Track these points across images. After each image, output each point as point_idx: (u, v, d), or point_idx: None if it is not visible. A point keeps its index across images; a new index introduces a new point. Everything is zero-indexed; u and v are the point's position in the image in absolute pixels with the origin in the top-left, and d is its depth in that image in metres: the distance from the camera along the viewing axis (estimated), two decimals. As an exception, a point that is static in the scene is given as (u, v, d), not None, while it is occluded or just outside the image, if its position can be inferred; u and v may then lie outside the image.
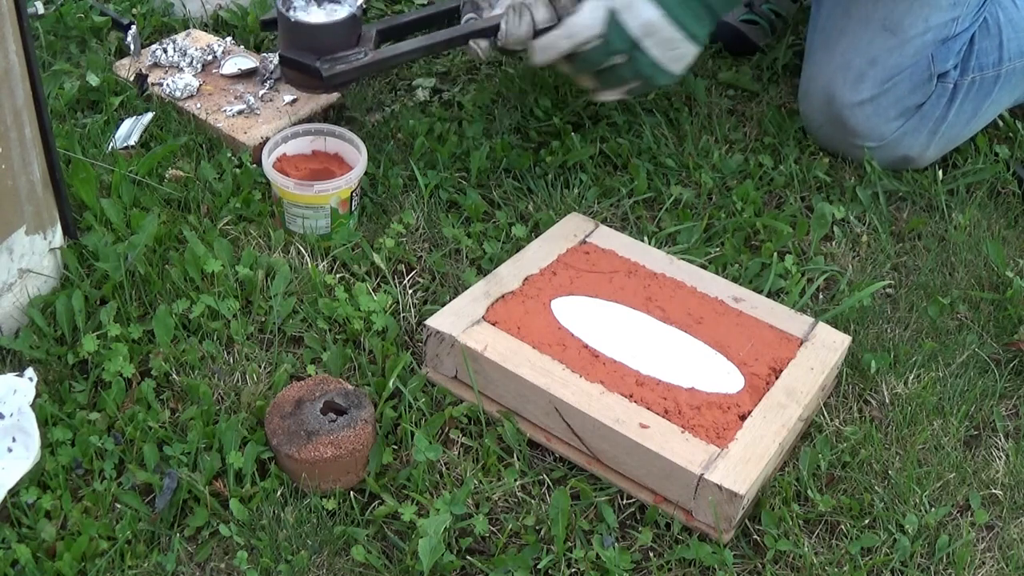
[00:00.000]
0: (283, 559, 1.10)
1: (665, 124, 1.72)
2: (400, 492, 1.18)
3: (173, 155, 1.59)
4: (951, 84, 1.61)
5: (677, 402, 1.20)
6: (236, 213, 1.49)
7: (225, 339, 1.32)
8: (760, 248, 1.51)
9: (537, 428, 1.24)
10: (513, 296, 1.32)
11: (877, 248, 1.55)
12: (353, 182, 1.48)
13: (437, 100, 1.81)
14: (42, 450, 1.14)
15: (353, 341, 1.34)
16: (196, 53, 1.78)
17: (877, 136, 1.62)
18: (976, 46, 1.61)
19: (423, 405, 1.25)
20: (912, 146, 1.63)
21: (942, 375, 1.36)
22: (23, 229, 1.27)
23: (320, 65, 1.44)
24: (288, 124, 1.64)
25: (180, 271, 1.36)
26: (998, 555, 1.17)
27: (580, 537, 1.14)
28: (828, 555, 1.14)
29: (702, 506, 1.14)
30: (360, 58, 1.46)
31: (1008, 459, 1.27)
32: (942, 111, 1.62)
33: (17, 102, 1.20)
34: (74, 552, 1.07)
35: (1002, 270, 1.50)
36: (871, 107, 1.60)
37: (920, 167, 1.67)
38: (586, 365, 1.23)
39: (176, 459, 1.17)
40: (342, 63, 1.45)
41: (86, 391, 1.24)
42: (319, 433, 1.15)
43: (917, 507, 1.19)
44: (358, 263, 1.44)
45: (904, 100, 1.60)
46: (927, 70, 1.59)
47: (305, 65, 1.46)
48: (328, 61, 1.45)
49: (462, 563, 1.12)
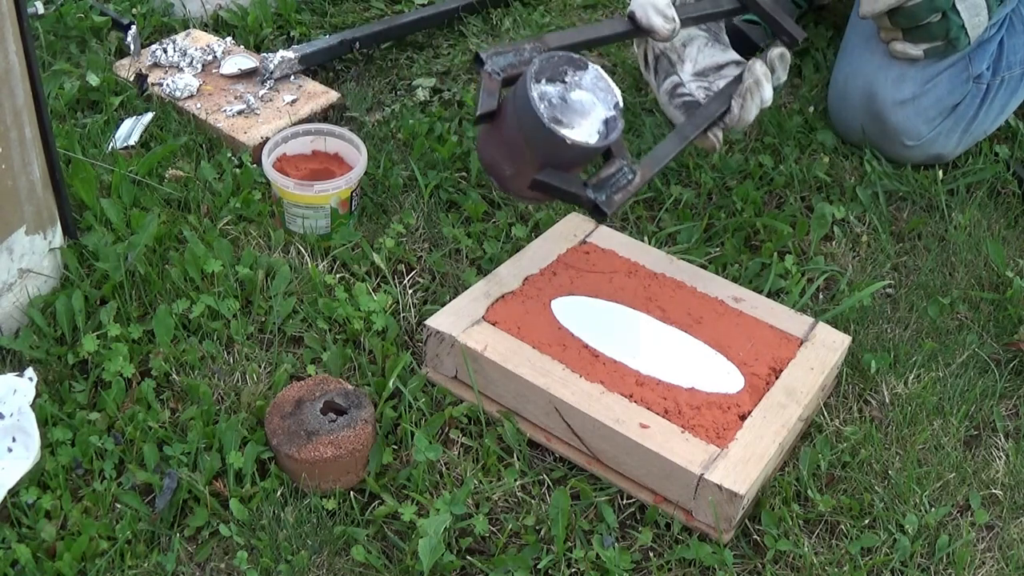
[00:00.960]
0: (283, 559, 1.10)
1: (665, 124, 1.72)
2: (400, 492, 1.18)
3: (173, 155, 1.59)
4: (984, 85, 1.65)
5: (677, 402, 1.20)
6: (236, 213, 1.49)
7: (225, 339, 1.32)
8: (760, 248, 1.51)
9: (537, 428, 1.24)
10: (513, 296, 1.32)
11: (877, 248, 1.55)
12: (353, 182, 1.48)
13: (437, 100, 1.81)
14: (42, 450, 1.14)
15: (353, 341, 1.34)
16: (196, 53, 1.78)
17: (915, 135, 1.64)
18: (1005, 45, 1.65)
19: (423, 405, 1.25)
20: (945, 145, 1.66)
21: (942, 375, 1.36)
22: (23, 229, 1.27)
23: (596, 197, 1.18)
24: (288, 124, 1.64)
25: (180, 271, 1.36)
26: (998, 555, 1.17)
27: (580, 537, 1.14)
28: (828, 555, 1.14)
29: (702, 506, 1.13)
30: (629, 178, 1.21)
31: (1008, 459, 1.27)
32: (975, 111, 1.65)
33: (17, 102, 1.20)
34: (74, 552, 1.07)
35: (1002, 270, 1.50)
36: (912, 107, 1.62)
37: (945, 163, 1.70)
38: (586, 365, 1.23)
39: (176, 459, 1.17)
40: (616, 190, 1.20)
41: (86, 391, 1.24)
42: (319, 433, 1.15)
43: (917, 507, 1.19)
44: (358, 263, 1.44)
45: (943, 100, 1.63)
46: (965, 71, 1.63)
47: (573, 195, 1.19)
48: (600, 189, 1.19)
49: (462, 563, 1.12)
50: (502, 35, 2.00)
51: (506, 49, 1.19)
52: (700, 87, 1.37)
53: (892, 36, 1.60)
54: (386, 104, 1.79)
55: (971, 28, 1.56)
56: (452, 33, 2.01)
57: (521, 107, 1.14)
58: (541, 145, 1.15)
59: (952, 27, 1.55)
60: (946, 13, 1.54)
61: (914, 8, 1.53)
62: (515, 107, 1.15)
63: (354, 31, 1.89)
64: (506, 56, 1.19)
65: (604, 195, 1.19)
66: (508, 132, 1.17)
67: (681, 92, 1.38)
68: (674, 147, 1.30)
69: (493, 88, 1.17)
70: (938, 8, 1.53)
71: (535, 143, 1.15)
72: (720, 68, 1.39)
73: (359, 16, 2.04)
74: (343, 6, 2.07)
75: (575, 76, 1.20)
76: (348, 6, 2.07)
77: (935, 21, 1.55)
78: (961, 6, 1.54)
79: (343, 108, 1.76)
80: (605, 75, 1.20)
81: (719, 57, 1.39)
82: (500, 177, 1.22)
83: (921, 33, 1.57)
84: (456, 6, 2.00)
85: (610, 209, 1.19)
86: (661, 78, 1.39)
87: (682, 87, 1.37)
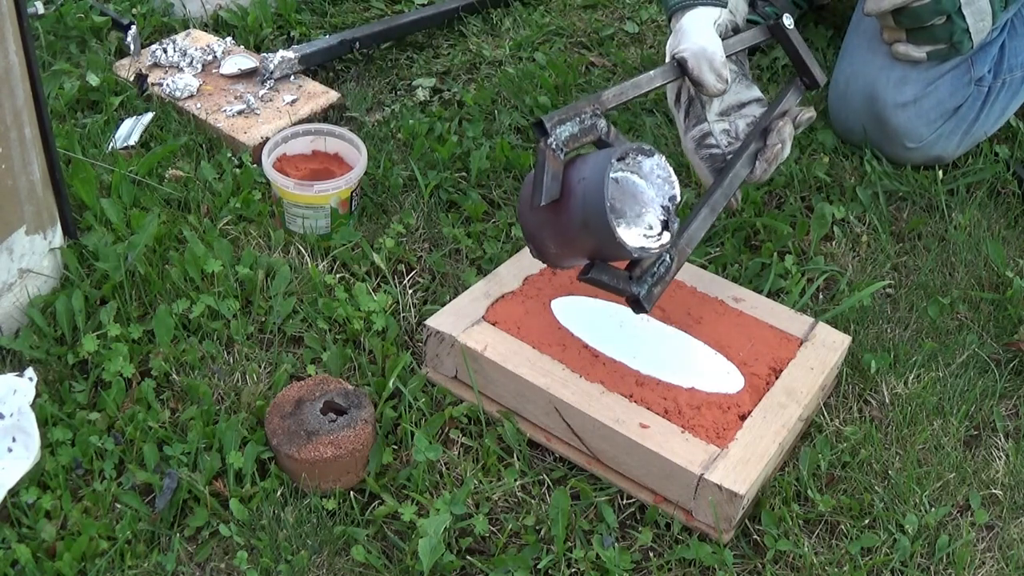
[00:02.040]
0: (283, 559, 1.10)
1: (665, 124, 1.72)
2: (400, 492, 1.18)
3: (173, 155, 1.59)
4: (986, 87, 1.65)
5: (677, 402, 1.20)
6: (236, 213, 1.49)
7: (225, 339, 1.32)
8: (760, 248, 1.51)
9: (537, 428, 1.24)
10: (513, 296, 1.32)
11: (877, 248, 1.55)
12: (353, 182, 1.48)
13: (437, 100, 1.81)
14: (42, 450, 1.14)
15: (353, 341, 1.34)
16: (196, 53, 1.78)
17: (916, 137, 1.64)
18: (1006, 48, 1.65)
19: (423, 405, 1.25)
20: (946, 147, 1.66)
21: (942, 375, 1.36)
22: (23, 229, 1.27)
23: (638, 291, 1.17)
24: (288, 124, 1.64)
25: (180, 271, 1.36)
26: (998, 555, 1.17)
27: (580, 537, 1.14)
28: (828, 555, 1.14)
29: (702, 506, 1.13)
30: (667, 265, 1.20)
31: (1008, 459, 1.27)
32: (976, 113, 1.65)
33: (17, 102, 1.20)
34: (74, 552, 1.07)
35: (1002, 270, 1.50)
36: (913, 109, 1.62)
37: (945, 164, 1.70)
38: (586, 365, 1.23)
39: (176, 459, 1.17)
40: (656, 282, 1.19)
41: (86, 391, 1.24)
42: (319, 433, 1.15)
43: (917, 507, 1.19)
44: (358, 263, 1.44)
45: (945, 103, 1.63)
46: (966, 74, 1.63)
47: (618, 288, 1.17)
48: (641, 282, 1.18)
49: (462, 563, 1.12)
50: (502, 35, 2.00)
51: (566, 115, 1.13)
52: (723, 131, 1.37)
53: (895, 37, 1.60)
54: (386, 104, 1.79)
55: (975, 32, 1.56)
56: (452, 33, 2.01)
57: (591, 202, 1.08)
58: (599, 243, 1.11)
59: (956, 31, 1.55)
60: (951, 16, 1.53)
61: (919, 9, 1.53)
62: (583, 200, 1.09)
63: (354, 31, 1.89)
64: (568, 125, 1.13)
65: (645, 288, 1.17)
66: (565, 218, 1.12)
67: (709, 143, 1.36)
68: (706, 223, 1.27)
69: (558, 170, 1.11)
70: (943, 11, 1.53)
71: (593, 238, 1.10)
72: (742, 106, 1.38)
73: (359, 16, 2.05)
74: (343, 6, 2.07)
75: (638, 163, 1.15)
76: (348, 6, 2.07)
77: (939, 24, 1.55)
78: (967, 10, 1.53)
79: (343, 108, 1.76)
80: (667, 164, 1.15)
81: (743, 95, 1.39)
82: (542, 251, 1.18)
83: (925, 35, 1.57)
84: (456, 6, 2.01)
85: (651, 305, 1.18)
86: (691, 123, 1.37)
87: (710, 137, 1.36)
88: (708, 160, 1.36)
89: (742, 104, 1.38)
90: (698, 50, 1.28)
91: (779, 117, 1.35)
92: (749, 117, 1.37)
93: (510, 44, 1.96)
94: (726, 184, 1.31)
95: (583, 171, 1.10)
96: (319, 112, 1.71)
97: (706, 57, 1.28)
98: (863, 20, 1.68)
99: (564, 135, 1.12)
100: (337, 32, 1.93)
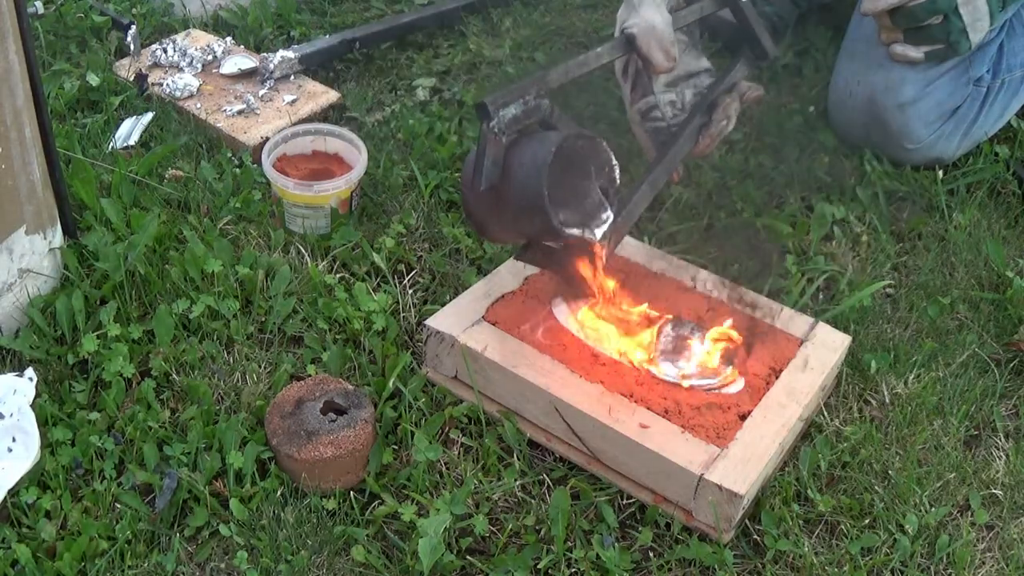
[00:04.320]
0: (283, 559, 1.10)
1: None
2: (400, 492, 1.18)
3: (173, 155, 1.59)
4: (984, 88, 1.65)
5: (677, 402, 1.20)
6: (236, 213, 1.49)
7: (225, 339, 1.32)
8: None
9: (537, 428, 1.24)
10: (513, 296, 1.32)
11: (877, 248, 1.55)
12: (353, 182, 1.48)
13: (437, 100, 1.81)
14: (42, 450, 1.14)
15: (353, 341, 1.34)
16: (196, 53, 1.78)
17: (916, 138, 1.64)
18: (1005, 48, 1.65)
19: (423, 405, 1.25)
20: (946, 148, 1.66)
21: (942, 375, 1.35)
22: (23, 229, 1.27)
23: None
24: (288, 124, 1.64)
25: (180, 271, 1.36)
26: (998, 555, 1.17)
27: (580, 537, 1.14)
28: (828, 555, 1.14)
29: (702, 506, 1.13)
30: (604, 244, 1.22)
31: (1008, 459, 1.26)
32: (975, 113, 1.65)
33: (17, 102, 1.20)
34: (74, 552, 1.07)
35: (1002, 270, 1.50)
36: (912, 110, 1.62)
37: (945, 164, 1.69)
38: (586, 365, 1.23)
39: (176, 459, 1.17)
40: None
41: (86, 391, 1.24)
42: (319, 433, 1.15)
43: (917, 507, 1.19)
44: (358, 263, 1.44)
45: (943, 104, 1.63)
46: (965, 74, 1.63)
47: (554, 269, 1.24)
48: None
49: (462, 563, 1.12)
50: (502, 35, 2.00)
51: (510, 96, 1.13)
52: (669, 101, 1.37)
53: (893, 38, 1.60)
54: (386, 104, 1.79)
55: (972, 32, 1.56)
56: (452, 33, 2.01)
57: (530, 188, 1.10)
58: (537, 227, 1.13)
59: (953, 30, 1.55)
60: (948, 16, 1.53)
61: (915, 8, 1.53)
62: (523, 186, 1.11)
63: (354, 31, 1.89)
64: (512, 107, 1.13)
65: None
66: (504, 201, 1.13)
67: (653, 116, 1.37)
68: (646, 199, 1.30)
69: (499, 155, 1.12)
70: (940, 10, 1.53)
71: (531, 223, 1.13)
72: (691, 76, 1.38)
73: (359, 16, 2.05)
74: (343, 6, 2.07)
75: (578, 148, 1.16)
76: (348, 6, 2.07)
77: (936, 23, 1.55)
78: (963, 10, 1.53)
79: (343, 108, 1.76)
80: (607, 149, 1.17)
81: (692, 65, 1.38)
82: (481, 229, 1.22)
83: (922, 35, 1.57)
84: (456, 6, 2.01)
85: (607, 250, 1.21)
86: (638, 95, 1.38)
87: (656, 110, 1.36)
88: (652, 133, 1.36)
89: (691, 75, 1.38)
90: (647, 27, 1.28)
91: (727, 91, 1.35)
92: (697, 87, 1.37)
93: (510, 44, 1.96)
94: (667, 159, 1.32)
95: (523, 156, 1.11)
96: (319, 112, 1.71)
97: (655, 35, 1.28)
98: (863, 21, 1.68)
99: (507, 117, 1.12)
100: (337, 32, 1.93)
